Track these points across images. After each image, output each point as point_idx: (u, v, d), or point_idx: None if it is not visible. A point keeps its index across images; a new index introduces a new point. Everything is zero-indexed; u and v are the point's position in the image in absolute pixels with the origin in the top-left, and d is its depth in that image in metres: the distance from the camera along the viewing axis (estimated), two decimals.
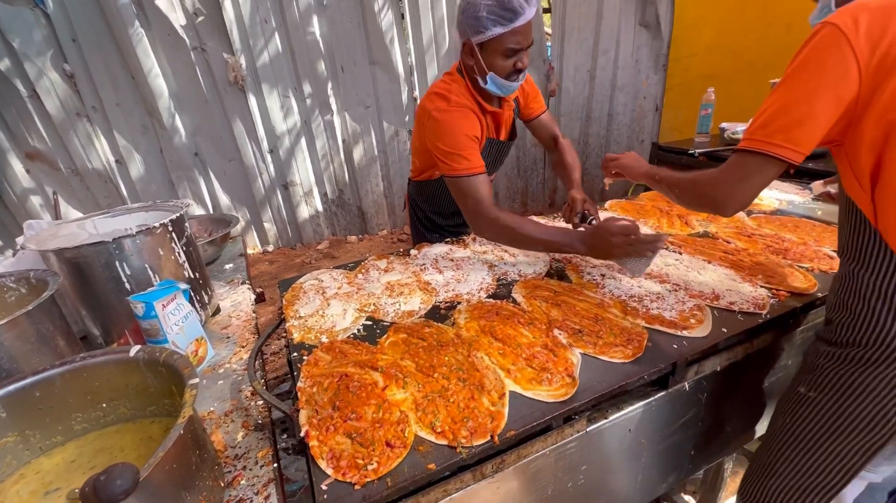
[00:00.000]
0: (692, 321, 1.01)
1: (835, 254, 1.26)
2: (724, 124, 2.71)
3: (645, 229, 1.53)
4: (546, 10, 4.30)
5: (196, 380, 0.70)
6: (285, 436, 0.92)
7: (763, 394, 1.15)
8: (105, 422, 0.83)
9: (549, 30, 4.20)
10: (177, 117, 3.47)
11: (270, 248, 4.13)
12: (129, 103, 3.37)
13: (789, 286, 1.11)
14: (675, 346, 0.94)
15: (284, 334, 1.13)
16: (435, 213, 1.76)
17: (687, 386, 0.95)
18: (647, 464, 1.00)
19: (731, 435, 1.16)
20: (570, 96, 4.31)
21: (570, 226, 1.45)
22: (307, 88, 3.69)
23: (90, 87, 3.25)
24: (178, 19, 3.23)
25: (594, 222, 1.37)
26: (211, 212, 3.75)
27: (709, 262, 1.26)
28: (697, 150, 2.42)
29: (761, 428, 1.24)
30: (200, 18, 3.29)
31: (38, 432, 0.77)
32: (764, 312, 1.02)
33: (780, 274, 1.17)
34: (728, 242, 1.39)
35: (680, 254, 1.34)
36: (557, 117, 4.36)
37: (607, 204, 1.81)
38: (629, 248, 1.09)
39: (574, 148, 1.63)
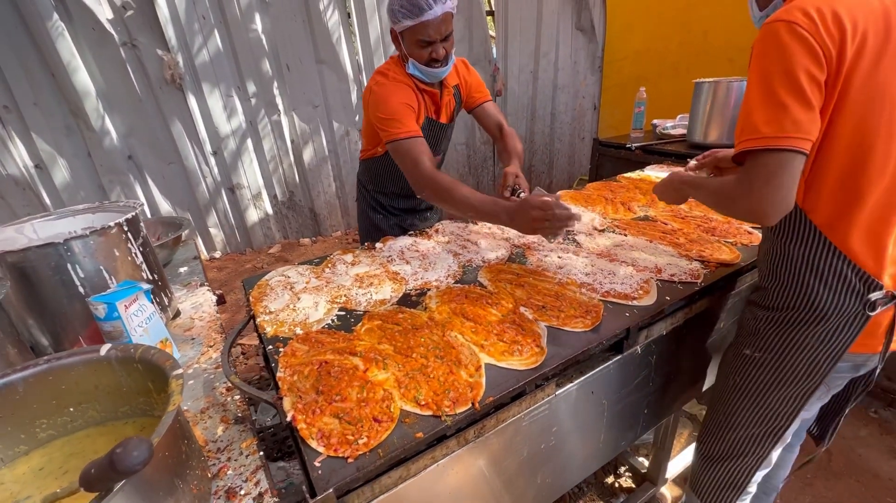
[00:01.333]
0: (640, 292, 1.13)
1: (753, 230, 1.44)
2: (655, 121, 2.96)
3: (582, 211, 1.66)
4: (490, 13, 4.44)
5: (180, 371, 0.69)
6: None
7: (702, 355, 1.30)
8: (73, 427, 0.80)
9: (493, 32, 4.35)
10: (106, 118, 3.22)
11: (218, 254, 3.94)
12: (49, 103, 3.09)
13: (718, 258, 1.27)
14: (627, 315, 1.05)
15: (240, 341, 1.11)
16: (380, 193, 1.86)
17: (639, 349, 1.07)
18: (608, 424, 1.10)
19: (676, 393, 1.29)
20: (516, 96, 4.49)
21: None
22: (251, 88, 3.57)
23: (1, 84, 2.94)
24: (103, 13, 3.01)
25: (522, 195, 1.46)
26: (149, 218, 3.52)
27: (650, 242, 1.40)
28: (634, 145, 2.63)
29: (704, 386, 1.39)
30: (129, 13, 3.08)
31: (0, 442, 0.73)
32: (699, 281, 1.16)
33: (710, 248, 1.33)
34: (665, 224, 1.55)
35: (625, 235, 1.47)
36: (504, 116, 4.52)
37: (558, 194, 1.93)
38: (546, 223, 1.10)
39: (517, 136, 1.71)
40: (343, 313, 1.14)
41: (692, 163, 1.37)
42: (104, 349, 0.77)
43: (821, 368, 0.97)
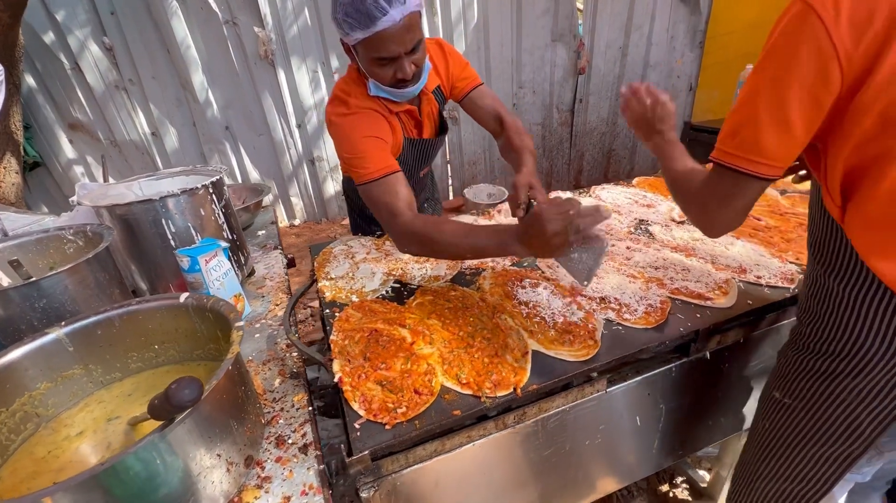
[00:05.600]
0: (717, 292, 1.01)
1: None
2: None
3: (661, 200, 1.51)
4: None
5: (241, 323, 0.75)
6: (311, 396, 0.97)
7: None
8: (157, 362, 0.91)
9: (580, 5, 4.07)
10: (209, 91, 3.55)
11: (297, 221, 4.23)
12: (164, 76, 3.46)
13: None
14: (699, 316, 0.95)
15: (310, 303, 1.17)
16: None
17: (708, 354, 0.97)
18: (664, 430, 1.02)
19: (749, 410, 1.16)
20: (601, 74, 4.20)
21: (516, 220, 1.10)
22: (335, 63, 3.71)
23: (128, 60, 3.35)
24: None
25: None
26: (238, 183, 3.86)
27: (737, 238, 1.25)
28: None
29: None
30: None
31: (100, 367, 0.85)
32: (793, 286, 1.02)
33: None
34: (759, 220, 1.37)
35: None
36: (586, 96, 4.26)
37: (634, 181, 1.79)
38: (568, 231, 0.80)
39: (523, 128, 1.35)
40: (397, 285, 1.16)
41: None
42: (183, 297, 0.85)
43: (864, 432, 0.77)
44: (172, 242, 1.15)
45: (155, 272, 1.19)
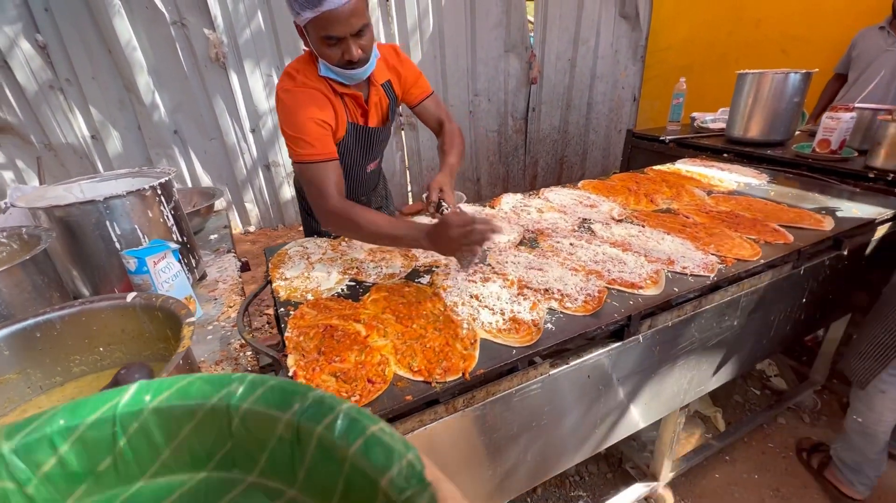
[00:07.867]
0: (648, 282, 1.11)
1: (780, 229, 1.38)
2: (694, 114, 2.84)
3: (602, 200, 1.63)
4: None
5: (193, 319, 0.76)
6: None
7: (710, 350, 1.27)
8: (102, 365, 0.89)
9: (531, 18, 4.26)
10: (156, 94, 3.41)
11: (252, 228, 4.12)
12: (105, 77, 3.30)
13: (736, 254, 1.23)
14: (631, 303, 1.04)
15: (267, 310, 1.17)
16: None
17: (641, 338, 1.06)
18: (604, 411, 1.11)
19: (681, 390, 1.27)
20: (552, 84, 4.40)
21: (429, 217, 1.32)
22: None
23: (64, 59, 3.16)
24: None
25: (446, 211, 1.23)
26: (188, 187, 3.71)
27: (668, 234, 1.37)
28: (668, 138, 2.54)
29: (710, 384, 1.36)
30: None
31: (39, 371, 0.82)
32: (712, 275, 1.14)
33: (730, 244, 1.29)
34: (687, 217, 1.51)
35: (643, 227, 1.44)
36: (538, 105, 4.45)
37: (580, 183, 1.91)
38: (465, 239, 0.99)
39: (460, 134, 1.49)
40: (353, 283, 1.19)
41: None
42: (130, 296, 0.84)
43: None
44: (118, 245, 1.12)
45: (98, 276, 1.15)
